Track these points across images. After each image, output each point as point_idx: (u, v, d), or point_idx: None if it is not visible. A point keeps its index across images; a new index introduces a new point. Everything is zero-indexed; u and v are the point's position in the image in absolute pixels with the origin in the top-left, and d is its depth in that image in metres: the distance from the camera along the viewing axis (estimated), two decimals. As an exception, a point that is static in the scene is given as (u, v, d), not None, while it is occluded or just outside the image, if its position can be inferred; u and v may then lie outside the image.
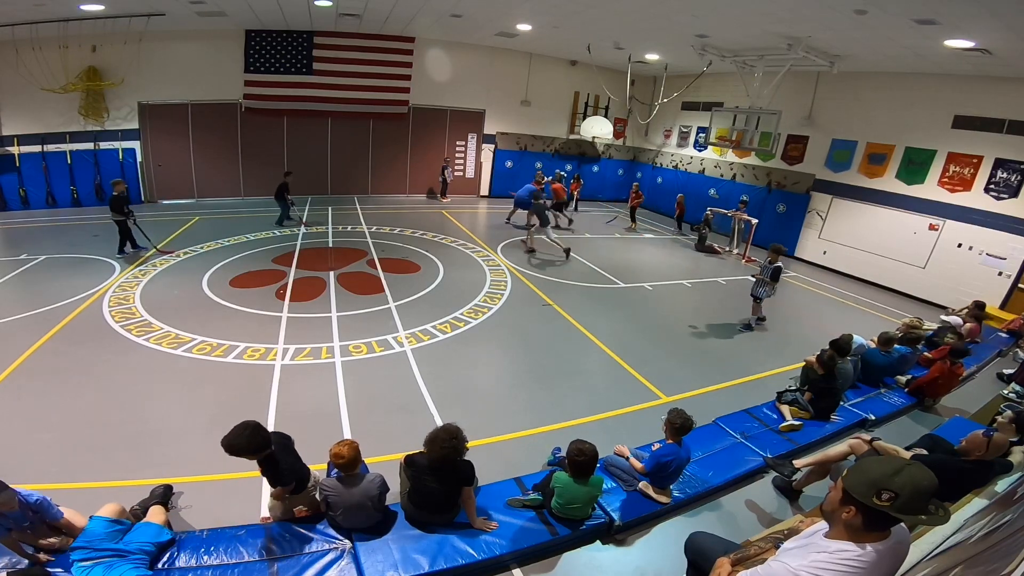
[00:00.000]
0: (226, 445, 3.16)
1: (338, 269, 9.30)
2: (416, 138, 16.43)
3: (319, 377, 5.76)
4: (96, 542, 2.96)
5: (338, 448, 3.41)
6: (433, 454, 3.44)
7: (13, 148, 11.71)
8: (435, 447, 3.42)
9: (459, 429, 3.51)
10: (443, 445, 3.40)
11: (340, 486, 3.43)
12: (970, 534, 2.51)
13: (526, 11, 11.02)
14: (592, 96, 17.83)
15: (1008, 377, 7.21)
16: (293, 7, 11.26)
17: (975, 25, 7.13)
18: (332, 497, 3.45)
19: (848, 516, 1.78)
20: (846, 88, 12.12)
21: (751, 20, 8.87)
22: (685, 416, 4.05)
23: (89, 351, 5.97)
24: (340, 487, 3.43)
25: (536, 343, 7.18)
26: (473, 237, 12.18)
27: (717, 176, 16.15)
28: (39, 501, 3.10)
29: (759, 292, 8.22)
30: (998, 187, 9.88)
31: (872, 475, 1.72)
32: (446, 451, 3.40)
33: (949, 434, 4.72)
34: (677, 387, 6.21)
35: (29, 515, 3.04)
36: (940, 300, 10.53)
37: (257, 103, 14.02)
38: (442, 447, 3.40)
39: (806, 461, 4.41)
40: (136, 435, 4.60)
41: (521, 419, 5.29)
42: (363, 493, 3.43)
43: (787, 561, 1.91)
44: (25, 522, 3.02)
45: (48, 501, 3.15)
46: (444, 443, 3.40)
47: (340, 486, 3.43)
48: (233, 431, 3.21)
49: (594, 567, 3.67)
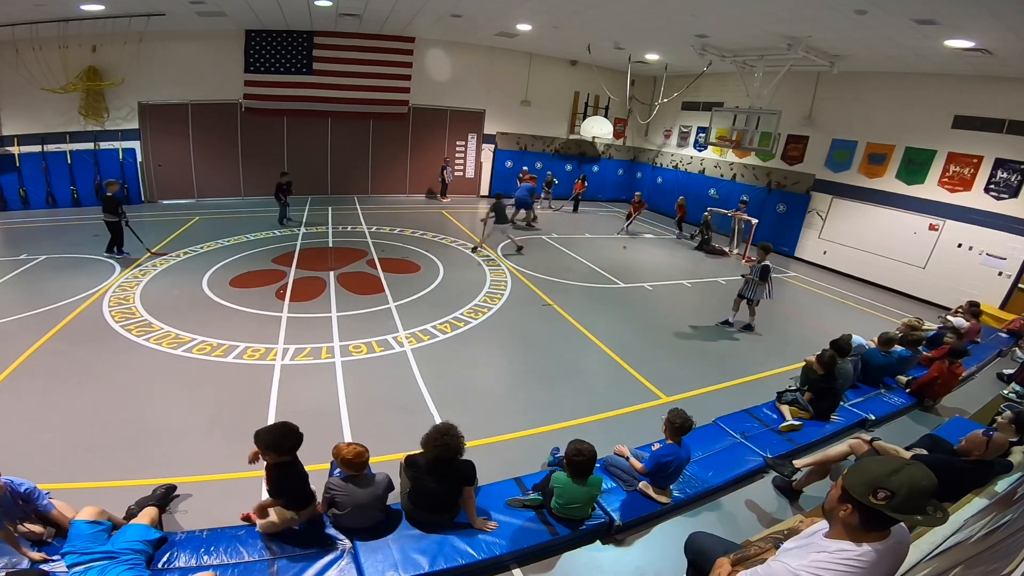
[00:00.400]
0: (257, 435, 3.27)
1: (338, 269, 9.30)
2: (416, 138, 16.43)
3: (319, 377, 5.76)
4: (82, 545, 2.94)
5: (360, 448, 3.45)
6: (429, 455, 3.45)
7: (13, 148, 11.71)
8: (430, 447, 3.44)
9: (452, 426, 3.52)
10: (436, 444, 3.42)
11: (349, 486, 3.43)
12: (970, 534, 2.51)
13: (526, 11, 11.02)
14: (592, 96, 17.83)
15: (1008, 377, 7.21)
16: (293, 7, 11.26)
17: (975, 25, 7.12)
18: (341, 497, 3.43)
19: (845, 514, 1.78)
20: (846, 88, 12.12)
21: (751, 20, 8.87)
22: (685, 416, 4.05)
23: (89, 351, 5.97)
24: (349, 487, 3.43)
25: (536, 343, 7.18)
26: (473, 237, 12.17)
27: (717, 176, 16.15)
28: (29, 490, 3.09)
29: (748, 292, 8.07)
30: (998, 187, 9.88)
31: (870, 473, 1.72)
32: (440, 449, 3.41)
33: (949, 434, 4.72)
34: (677, 387, 6.21)
35: (19, 504, 3.04)
36: (940, 300, 10.53)
37: (257, 103, 14.02)
38: (436, 446, 3.42)
39: (806, 461, 4.41)
40: (136, 435, 4.59)
41: (521, 419, 5.29)
42: (372, 493, 3.45)
43: (787, 561, 1.91)
44: (16, 512, 3.02)
45: (38, 491, 3.15)
46: (437, 442, 3.42)
47: (349, 486, 3.43)
48: (271, 427, 3.33)
49: (594, 567, 3.67)
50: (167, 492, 3.78)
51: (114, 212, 8.90)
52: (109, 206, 8.90)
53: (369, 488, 3.46)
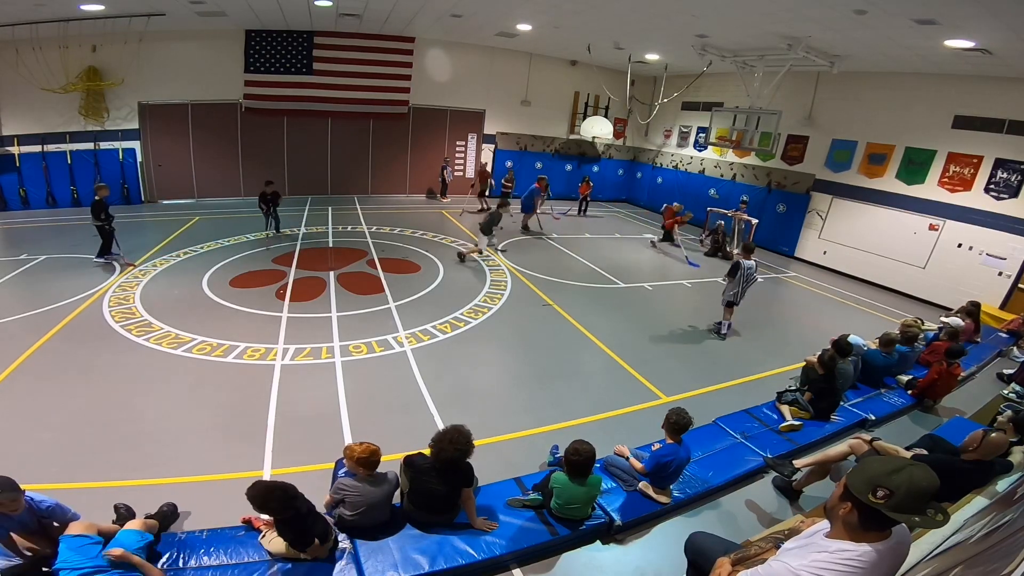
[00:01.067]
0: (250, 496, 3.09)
1: (338, 269, 9.30)
2: (416, 138, 16.43)
3: (319, 377, 5.76)
4: (74, 559, 2.82)
5: (373, 447, 3.42)
6: (443, 455, 3.42)
7: (13, 148, 11.71)
8: (445, 445, 3.41)
9: (465, 429, 3.52)
10: (457, 447, 3.41)
11: (362, 486, 3.42)
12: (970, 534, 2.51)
13: (526, 11, 11.02)
14: (592, 96, 17.83)
15: (1008, 377, 7.21)
16: (293, 7, 11.26)
17: (975, 25, 7.12)
18: (353, 497, 3.41)
19: (844, 512, 1.78)
20: (846, 88, 12.12)
21: (751, 20, 8.87)
22: (683, 414, 4.05)
23: (89, 351, 5.97)
24: (362, 487, 3.42)
25: (536, 343, 7.18)
26: (473, 237, 12.16)
27: (717, 176, 16.15)
28: (50, 507, 3.03)
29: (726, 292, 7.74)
30: (998, 187, 9.88)
31: (871, 472, 1.72)
32: (459, 453, 3.42)
33: (949, 434, 4.72)
34: (677, 387, 6.21)
35: (36, 521, 2.98)
36: (940, 300, 10.53)
37: (257, 103, 14.01)
38: (456, 448, 3.41)
39: (806, 461, 4.41)
40: (136, 435, 4.59)
41: (521, 419, 5.29)
42: (384, 492, 3.47)
43: (788, 561, 1.91)
44: (32, 527, 2.97)
45: (62, 507, 3.09)
46: (459, 445, 3.41)
47: (362, 486, 3.42)
48: (260, 489, 3.11)
49: (594, 567, 3.67)
50: (170, 513, 3.66)
51: (97, 217, 8.61)
52: (94, 210, 8.63)
53: (382, 487, 3.47)
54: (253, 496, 3.07)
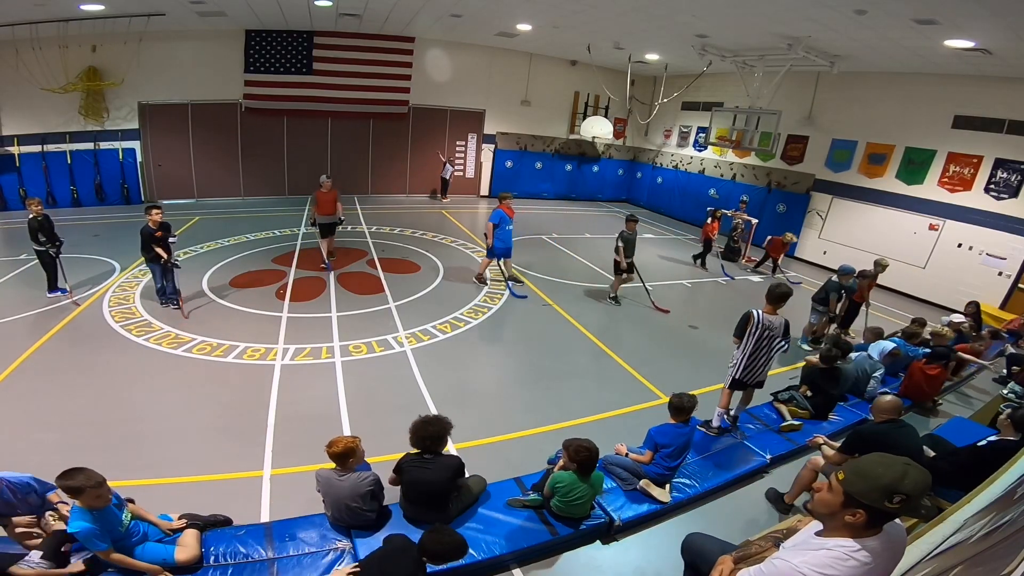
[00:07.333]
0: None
1: (338, 269, 9.30)
2: (416, 138, 16.43)
3: (319, 377, 5.76)
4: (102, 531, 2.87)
5: (347, 439, 3.45)
6: (420, 433, 3.59)
7: (13, 148, 11.70)
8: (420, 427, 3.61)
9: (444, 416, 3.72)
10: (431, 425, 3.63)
11: (330, 478, 3.43)
12: (970, 534, 2.51)
13: (526, 11, 11.02)
14: (592, 96, 17.84)
15: (1004, 378, 7.19)
16: (293, 7, 11.26)
17: (975, 25, 7.13)
18: (321, 488, 3.48)
19: (854, 519, 1.77)
20: (846, 88, 12.12)
21: (751, 20, 8.87)
22: (684, 395, 4.20)
23: (89, 351, 5.97)
24: (329, 479, 3.43)
25: (536, 343, 7.18)
26: (473, 237, 12.17)
27: (717, 176, 16.15)
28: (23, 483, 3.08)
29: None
30: (998, 187, 9.88)
31: (882, 479, 1.71)
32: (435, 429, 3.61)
33: (949, 434, 4.72)
34: (677, 387, 6.04)
35: (19, 498, 3.02)
36: (940, 300, 10.54)
37: (257, 103, 14.01)
38: (431, 428, 3.61)
39: (793, 495, 4.31)
40: (136, 435, 4.60)
41: (521, 419, 5.29)
42: (352, 489, 3.39)
43: (789, 558, 1.92)
44: (23, 507, 3.01)
45: (35, 482, 3.15)
46: (432, 424, 3.64)
47: (330, 478, 3.43)
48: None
49: (594, 567, 3.67)
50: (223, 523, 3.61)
51: (35, 239, 6.84)
52: (29, 231, 6.82)
53: (349, 483, 3.38)
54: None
